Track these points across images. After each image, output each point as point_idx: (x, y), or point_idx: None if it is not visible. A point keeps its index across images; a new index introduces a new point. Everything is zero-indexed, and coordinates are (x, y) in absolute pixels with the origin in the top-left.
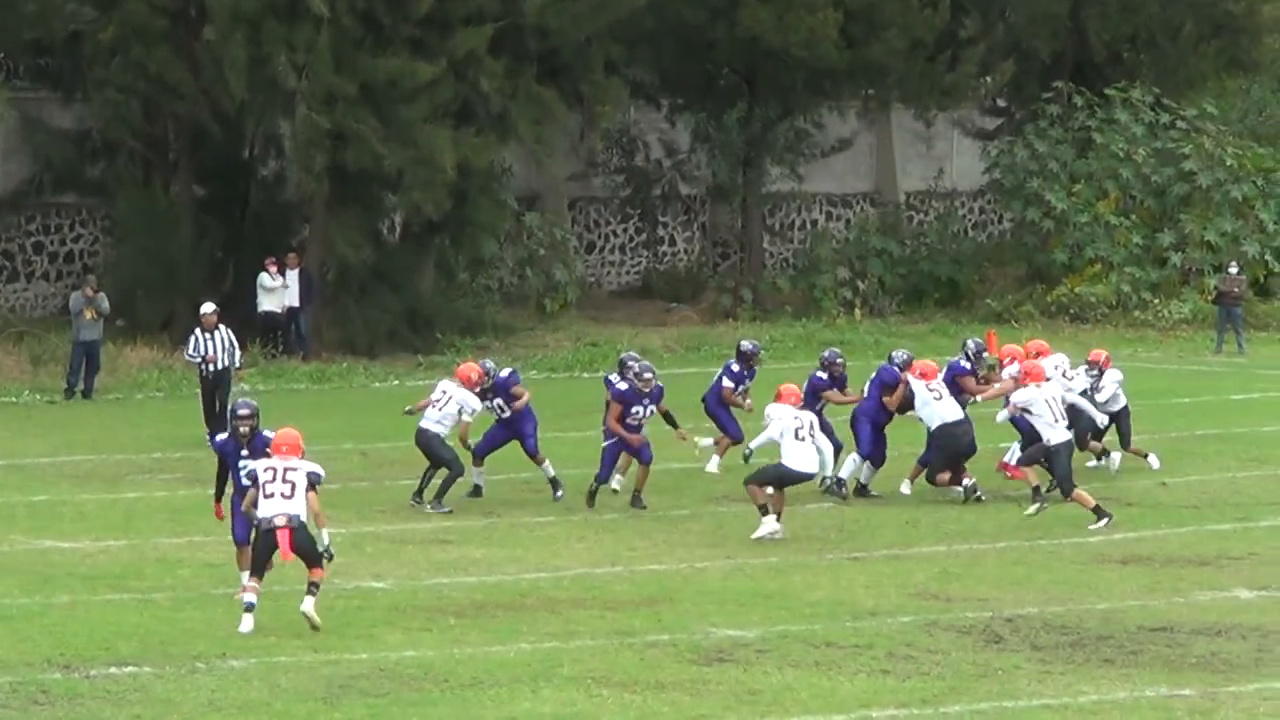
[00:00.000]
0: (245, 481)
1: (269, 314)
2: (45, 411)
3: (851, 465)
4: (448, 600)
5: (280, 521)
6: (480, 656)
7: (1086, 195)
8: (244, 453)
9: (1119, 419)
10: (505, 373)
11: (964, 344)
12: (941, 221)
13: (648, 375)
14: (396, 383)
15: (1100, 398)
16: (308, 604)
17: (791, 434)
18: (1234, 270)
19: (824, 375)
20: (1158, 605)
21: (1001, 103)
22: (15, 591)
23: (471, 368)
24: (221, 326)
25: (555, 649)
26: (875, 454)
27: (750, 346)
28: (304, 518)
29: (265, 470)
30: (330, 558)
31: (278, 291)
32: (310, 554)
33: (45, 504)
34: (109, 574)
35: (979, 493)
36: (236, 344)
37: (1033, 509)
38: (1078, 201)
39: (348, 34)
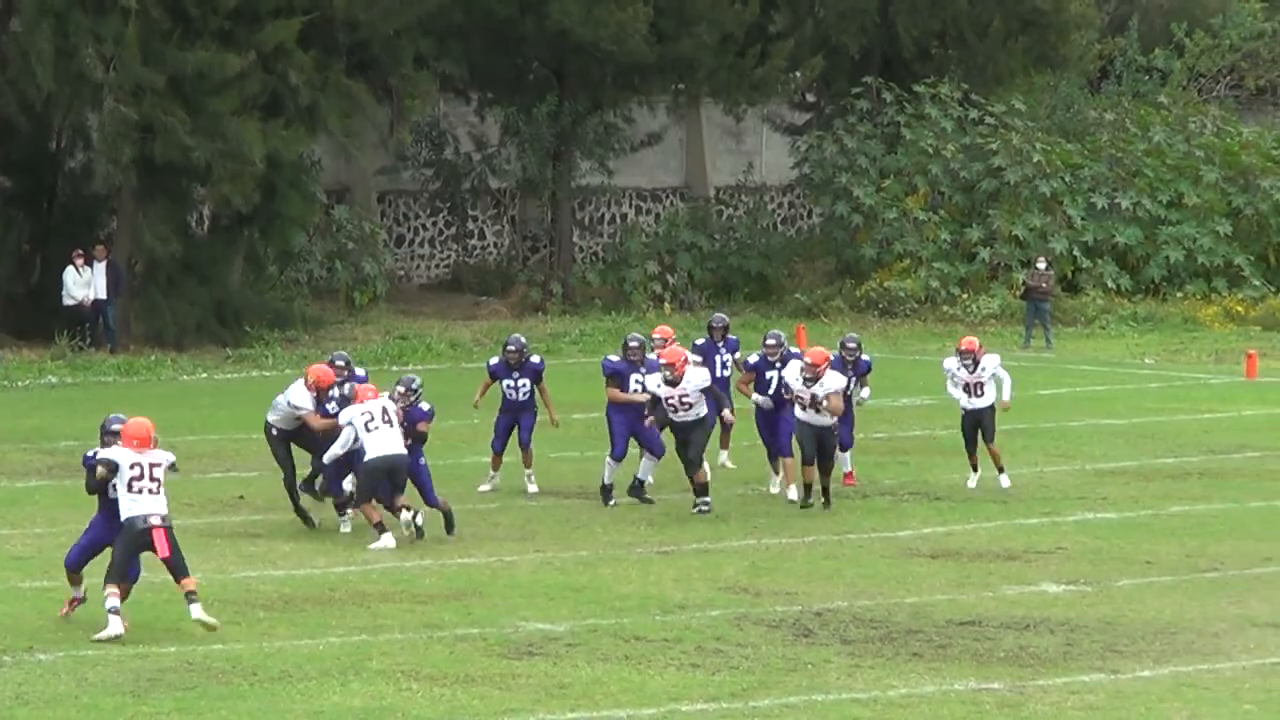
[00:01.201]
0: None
1: (75, 306)
2: None
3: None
4: (256, 594)
5: (155, 520)
6: (289, 650)
7: (895, 190)
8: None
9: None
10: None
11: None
12: (751, 216)
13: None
14: (205, 375)
15: (988, 379)
16: (196, 610)
17: (363, 426)
18: (1042, 266)
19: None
20: (966, 599)
21: (811, 98)
22: None
23: (324, 370)
24: None
25: (364, 642)
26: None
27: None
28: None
29: (131, 466)
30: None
31: (84, 284)
32: (180, 560)
33: None
34: None
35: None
36: None
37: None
38: (886, 197)
39: (156, 25)
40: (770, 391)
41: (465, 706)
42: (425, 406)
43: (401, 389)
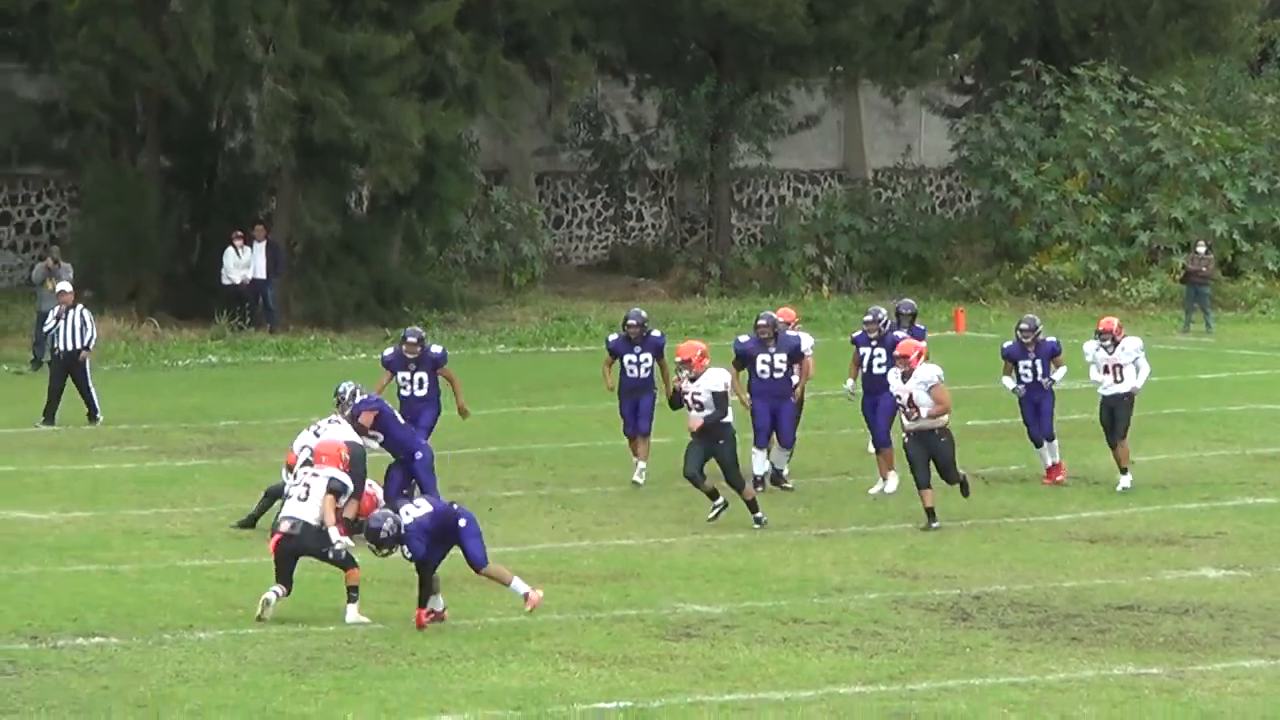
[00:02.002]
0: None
1: (234, 286)
2: (11, 382)
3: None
4: (415, 574)
5: (284, 526)
6: (448, 630)
7: (1054, 173)
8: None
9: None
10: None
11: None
12: (909, 198)
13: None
14: (364, 356)
15: (1129, 364)
16: (351, 611)
17: None
18: (1202, 249)
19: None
20: (1125, 584)
21: (969, 80)
22: None
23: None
24: (79, 306)
25: (522, 623)
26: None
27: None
28: (310, 521)
29: (295, 473)
30: (340, 560)
31: (243, 264)
32: (323, 556)
33: (12, 475)
34: (76, 545)
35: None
36: (91, 326)
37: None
38: (1045, 180)
39: (315, 6)
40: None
41: (623, 687)
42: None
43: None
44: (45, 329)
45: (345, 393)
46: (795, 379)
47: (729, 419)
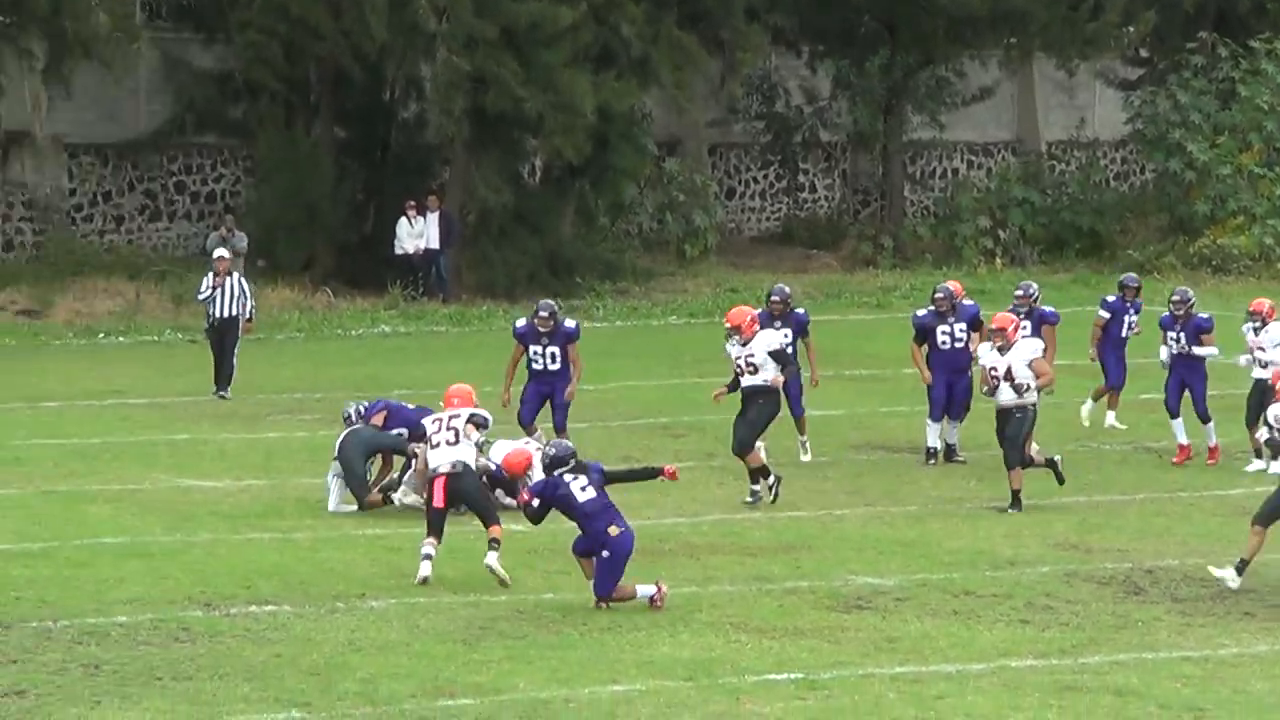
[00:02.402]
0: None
1: (408, 256)
2: (187, 351)
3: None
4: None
5: (444, 469)
6: (618, 600)
7: (1229, 147)
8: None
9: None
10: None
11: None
12: (1083, 171)
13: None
14: None
15: (1266, 357)
16: (491, 558)
17: None
18: None
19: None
20: None
21: (1144, 53)
22: (157, 529)
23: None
24: (235, 274)
25: (694, 594)
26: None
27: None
28: (471, 463)
29: (432, 422)
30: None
31: (416, 234)
32: (479, 503)
33: (186, 443)
34: (250, 513)
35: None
36: (249, 295)
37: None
38: (1220, 153)
39: None
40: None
41: (794, 659)
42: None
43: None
44: (200, 296)
45: (350, 414)
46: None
47: (779, 388)
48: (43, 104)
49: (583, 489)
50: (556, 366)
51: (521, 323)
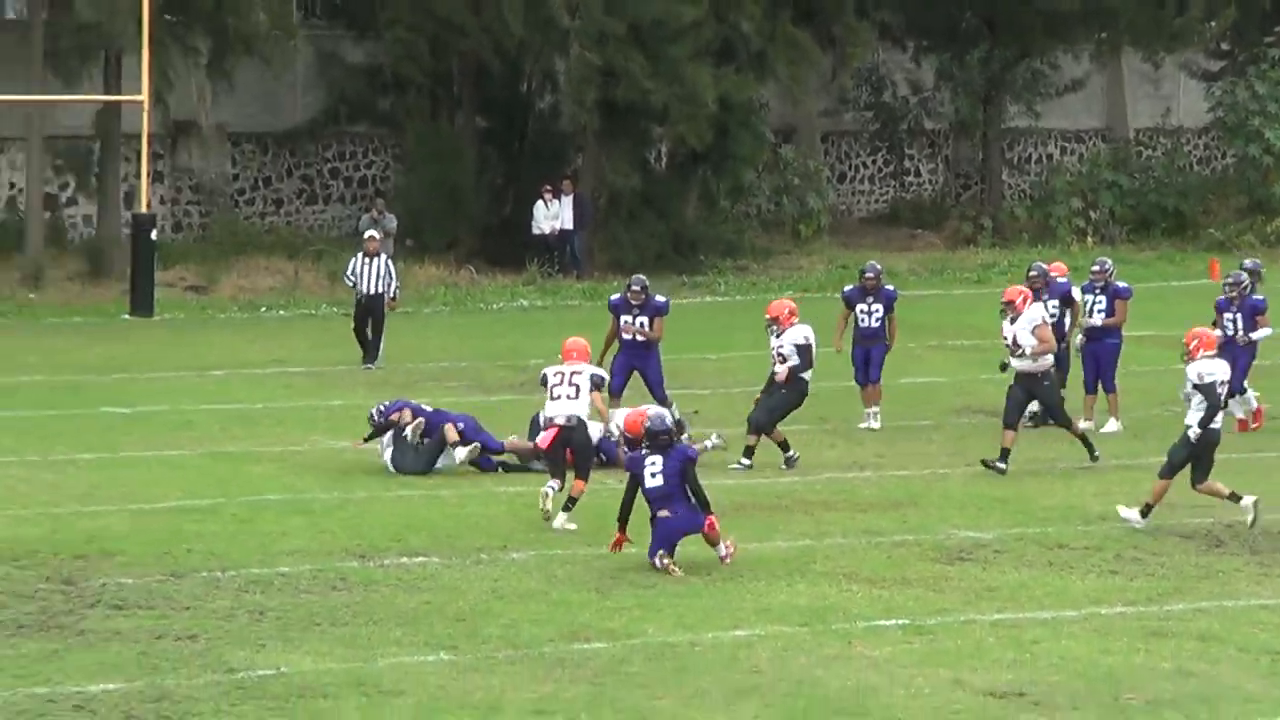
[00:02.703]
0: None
1: (543, 236)
2: (342, 323)
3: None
4: (713, 502)
5: (559, 420)
6: (741, 552)
7: None
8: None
9: None
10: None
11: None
12: (1168, 157)
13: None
14: (662, 301)
15: None
16: (560, 519)
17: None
18: None
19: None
20: None
21: (1225, 46)
22: (315, 487)
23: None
24: (382, 255)
25: (809, 547)
26: None
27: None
28: (585, 418)
29: (554, 375)
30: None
31: (552, 216)
32: (582, 456)
33: (342, 409)
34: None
35: None
36: (394, 275)
37: None
38: None
39: None
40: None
41: (901, 606)
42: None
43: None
44: (348, 275)
45: (374, 415)
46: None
47: (808, 375)
48: (208, 96)
49: (653, 475)
50: (644, 337)
51: (616, 296)
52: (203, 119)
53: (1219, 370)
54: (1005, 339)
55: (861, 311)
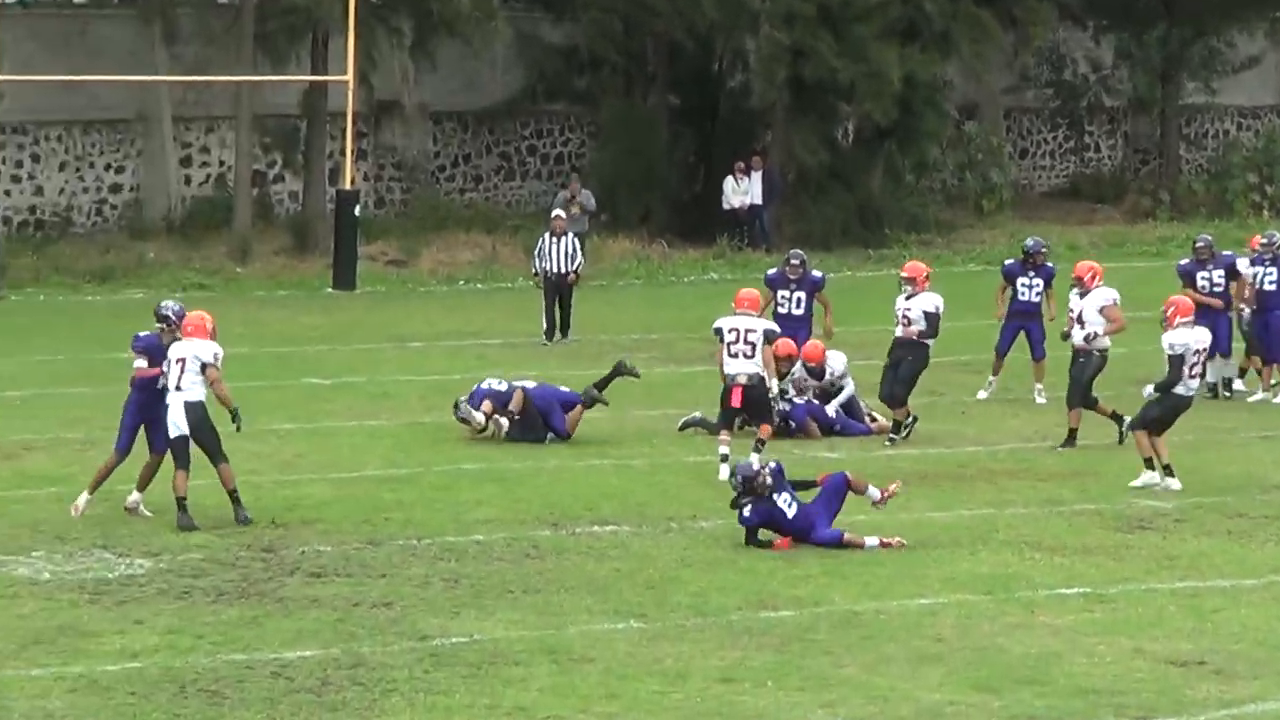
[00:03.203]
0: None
1: (733, 211)
2: (537, 297)
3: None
4: (896, 470)
5: (742, 380)
6: (924, 521)
7: None
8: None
9: None
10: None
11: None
12: None
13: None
14: (848, 273)
15: None
16: (752, 457)
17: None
18: None
19: None
20: None
21: None
22: (509, 458)
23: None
24: (569, 234)
25: (991, 515)
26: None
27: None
28: (762, 374)
29: (729, 330)
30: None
31: (742, 191)
32: (762, 409)
33: (536, 380)
34: (593, 442)
35: None
36: (580, 253)
37: None
38: None
39: None
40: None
41: (1082, 574)
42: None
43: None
44: (536, 251)
45: (461, 411)
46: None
47: (930, 343)
48: (410, 76)
49: (789, 504)
50: (800, 312)
51: (773, 270)
52: (405, 98)
53: (1192, 339)
54: (1071, 312)
55: (1022, 285)
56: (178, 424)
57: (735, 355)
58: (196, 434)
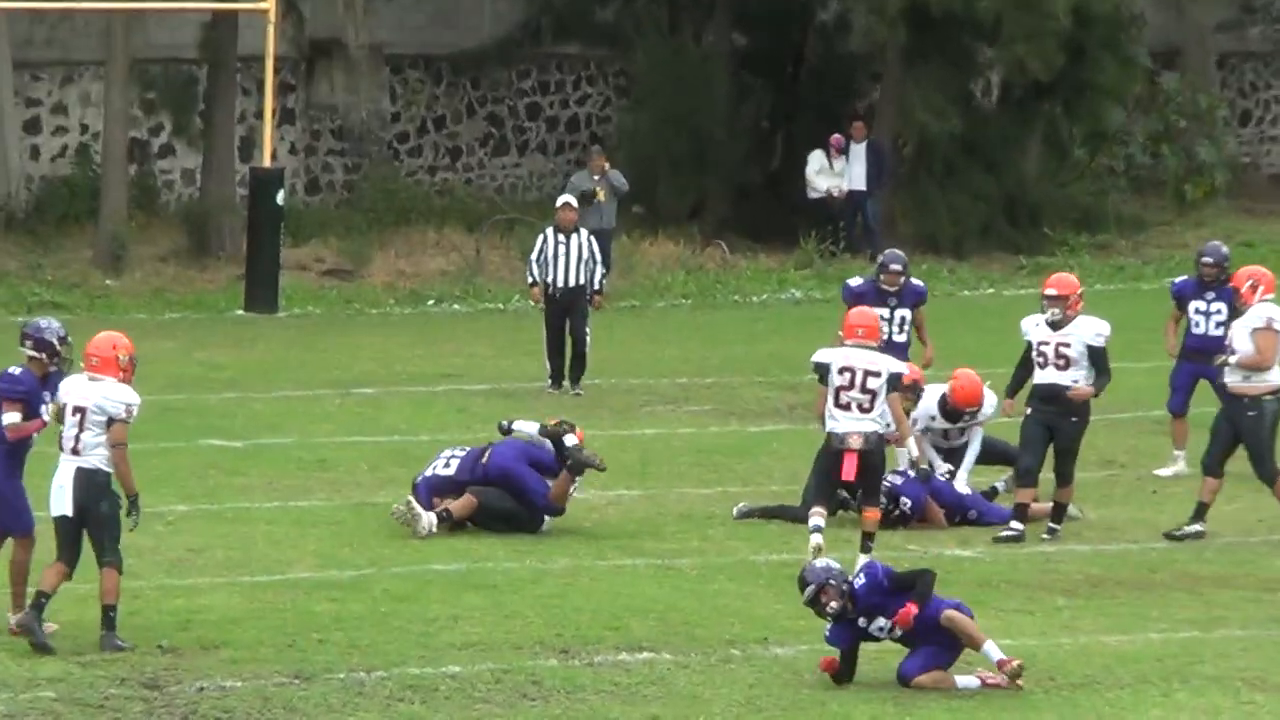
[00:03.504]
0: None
1: (825, 200)
2: (540, 321)
3: None
4: (1055, 574)
5: (854, 443)
6: (1095, 648)
7: None
8: None
9: None
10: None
11: None
12: None
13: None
14: (991, 290)
15: None
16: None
17: None
18: None
19: None
20: None
21: None
22: (500, 553)
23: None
24: (582, 231)
25: (1194, 640)
26: None
27: None
28: (881, 434)
29: (841, 371)
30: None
31: (836, 172)
32: (873, 481)
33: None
34: (620, 533)
35: None
36: (599, 259)
37: None
38: None
39: None
40: None
41: None
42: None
43: None
44: (532, 258)
45: (400, 511)
46: None
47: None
48: (358, 4)
49: (880, 629)
50: (902, 337)
51: (858, 281)
52: (351, 36)
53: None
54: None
55: (1197, 312)
56: (63, 500)
57: (846, 406)
58: (88, 516)
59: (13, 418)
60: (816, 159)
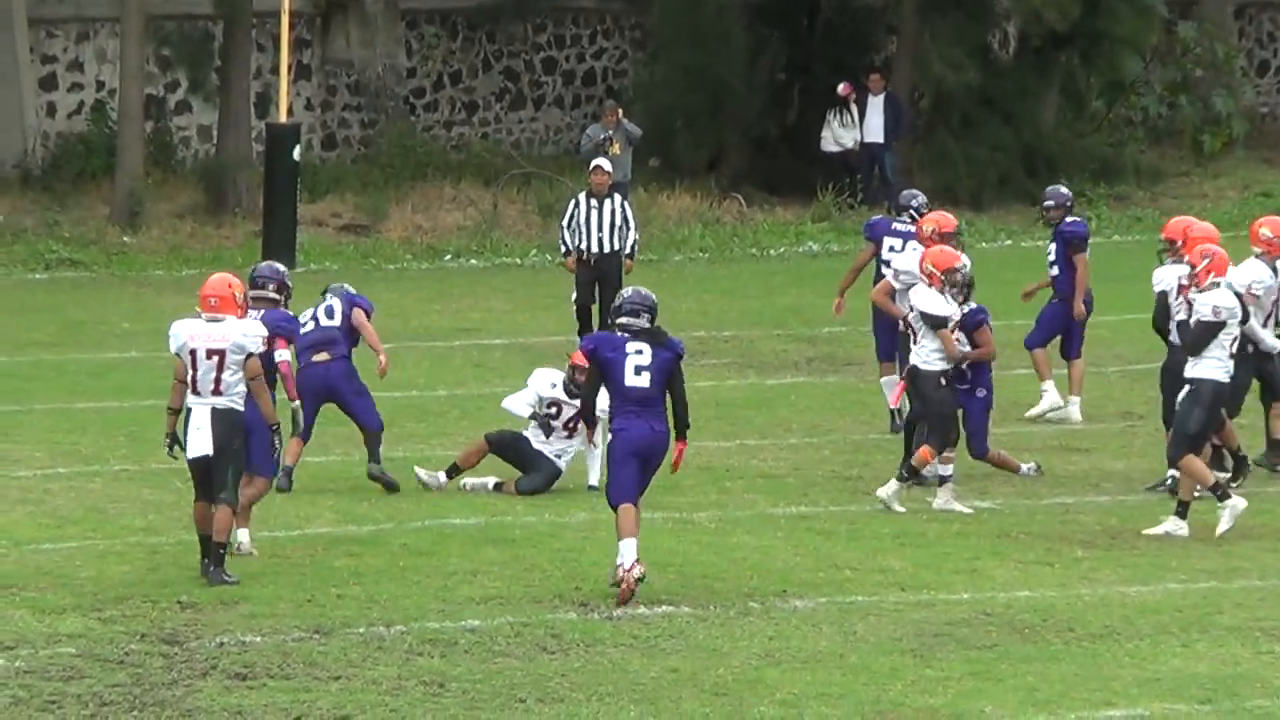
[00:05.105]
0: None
1: (842, 154)
2: (557, 276)
3: None
4: (1074, 526)
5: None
6: (1115, 599)
7: None
8: None
9: None
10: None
11: None
12: None
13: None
14: (1009, 243)
15: None
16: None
17: None
18: None
19: None
20: None
21: None
22: (519, 508)
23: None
24: (616, 196)
25: (1213, 590)
26: None
27: None
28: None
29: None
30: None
31: (852, 124)
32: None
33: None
34: None
35: None
36: (632, 224)
37: None
38: None
39: None
40: None
41: None
42: None
43: None
44: (564, 224)
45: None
46: None
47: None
48: None
49: (637, 371)
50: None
51: (880, 217)
52: None
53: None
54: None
55: None
56: (204, 440)
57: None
58: (225, 454)
59: (284, 355)
60: (835, 113)
